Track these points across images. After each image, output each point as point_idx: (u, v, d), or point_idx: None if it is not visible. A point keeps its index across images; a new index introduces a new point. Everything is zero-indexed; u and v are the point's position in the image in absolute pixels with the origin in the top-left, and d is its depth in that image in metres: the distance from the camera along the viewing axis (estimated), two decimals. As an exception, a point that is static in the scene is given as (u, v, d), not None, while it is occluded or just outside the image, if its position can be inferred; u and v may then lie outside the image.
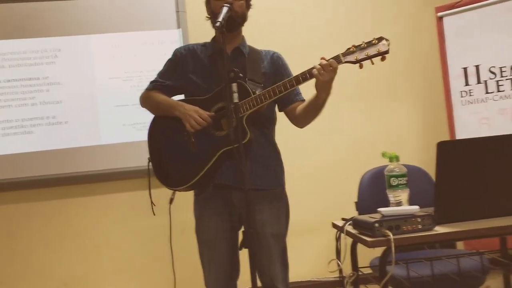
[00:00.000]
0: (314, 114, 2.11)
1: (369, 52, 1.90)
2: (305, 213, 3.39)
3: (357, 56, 1.91)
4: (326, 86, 1.95)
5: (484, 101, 3.23)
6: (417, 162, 2.66)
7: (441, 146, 1.62)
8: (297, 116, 2.17)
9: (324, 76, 1.90)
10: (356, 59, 1.91)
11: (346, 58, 1.92)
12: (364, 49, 1.91)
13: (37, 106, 3.33)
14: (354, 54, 1.91)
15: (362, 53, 1.90)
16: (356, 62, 1.92)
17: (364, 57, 1.91)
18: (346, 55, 1.92)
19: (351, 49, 1.92)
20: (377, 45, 1.90)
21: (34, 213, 3.32)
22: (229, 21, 1.95)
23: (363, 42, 1.92)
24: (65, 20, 3.38)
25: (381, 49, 1.89)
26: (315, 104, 2.04)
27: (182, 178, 2.07)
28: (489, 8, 3.24)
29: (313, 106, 2.06)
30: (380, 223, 1.57)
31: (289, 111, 2.20)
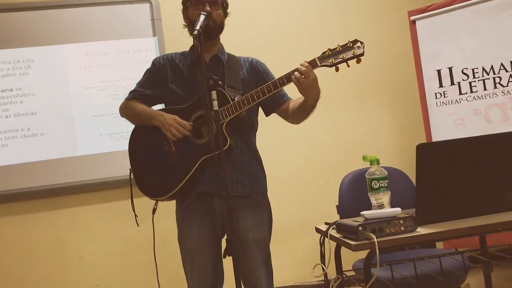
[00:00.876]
0: (305, 115, 2.11)
1: (344, 55, 1.92)
2: (288, 218, 3.41)
3: (333, 59, 1.93)
4: (310, 90, 1.95)
5: (458, 102, 3.30)
6: (395, 164, 2.70)
7: (420, 149, 1.64)
8: (290, 115, 2.17)
9: (303, 83, 1.91)
10: (332, 62, 1.93)
11: (322, 62, 1.93)
12: (340, 53, 1.93)
13: (11, 118, 3.27)
14: (330, 58, 1.93)
15: (338, 56, 1.92)
16: (332, 65, 1.94)
17: (340, 60, 1.93)
18: (322, 59, 1.94)
19: (327, 52, 1.94)
20: (352, 48, 1.92)
21: (12, 227, 3.25)
22: (207, 30, 1.96)
23: (338, 46, 1.94)
24: (37, 30, 3.34)
25: (356, 51, 1.92)
26: (304, 108, 2.05)
27: (164, 188, 2.05)
28: (459, 12, 3.31)
29: (303, 110, 2.07)
30: (363, 226, 1.58)
31: (281, 112, 2.21)
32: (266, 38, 3.60)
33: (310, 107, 2.03)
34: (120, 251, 3.32)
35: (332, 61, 1.93)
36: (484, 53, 3.22)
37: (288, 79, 1.95)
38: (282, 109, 2.20)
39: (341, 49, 1.93)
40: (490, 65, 3.20)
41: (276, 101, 2.18)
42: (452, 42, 3.32)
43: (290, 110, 2.17)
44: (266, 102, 2.14)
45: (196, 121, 2.05)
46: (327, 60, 1.93)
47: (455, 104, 3.31)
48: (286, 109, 2.18)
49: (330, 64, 1.93)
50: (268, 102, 2.14)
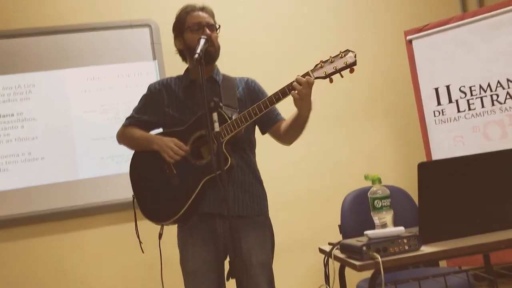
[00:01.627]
0: (299, 131, 2.12)
1: (337, 66, 1.93)
2: (290, 238, 3.39)
3: (326, 71, 1.93)
4: (305, 103, 1.97)
5: (456, 119, 3.32)
6: (395, 182, 2.70)
7: (422, 167, 1.65)
8: (283, 134, 2.18)
9: (301, 94, 1.93)
10: (325, 74, 1.93)
11: (315, 74, 1.94)
12: (332, 63, 1.93)
13: (12, 143, 3.27)
14: (322, 69, 1.94)
15: (330, 67, 1.93)
16: (326, 77, 1.94)
17: (333, 71, 1.93)
18: (315, 71, 1.95)
19: (319, 64, 1.95)
20: (344, 57, 1.93)
21: (13, 253, 3.22)
22: (208, 54, 2.00)
23: (330, 57, 1.95)
24: (38, 56, 3.36)
25: (348, 61, 1.92)
26: (298, 122, 2.06)
27: (168, 212, 2.05)
28: (455, 31, 3.35)
29: (297, 124, 2.08)
30: (367, 246, 1.58)
31: (273, 131, 2.22)
32: (260, 56, 3.62)
33: (304, 120, 2.04)
34: (122, 275, 3.29)
35: (325, 73, 1.94)
36: (481, 71, 3.25)
37: (283, 94, 1.96)
38: (274, 128, 2.21)
39: (333, 60, 1.94)
40: (487, 83, 3.23)
41: (270, 120, 2.19)
42: (449, 61, 3.36)
43: (282, 129, 2.18)
44: (262, 120, 2.16)
45: (195, 142, 2.06)
46: (320, 72, 1.94)
47: (453, 122, 3.33)
48: (278, 129, 2.19)
49: (323, 76, 1.94)
50: (263, 120, 2.16)
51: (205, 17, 2.13)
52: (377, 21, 3.83)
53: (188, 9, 2.16)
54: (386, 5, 3.85)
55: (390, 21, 3.82)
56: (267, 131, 2.24)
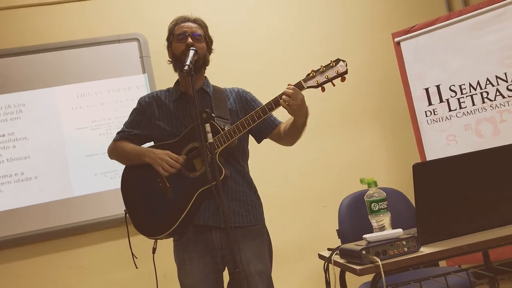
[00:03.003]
0: (298, 134, 2.13)
1: (328, 75, 1.95)
2: (289, 245, 3.39)
3: (317, 80, 1.95)
4: (299, 111, 1.98)
5: (448, 118, 3.34)
6: (391, 184, 2.71)
7: (416, 168, 1.65)
8: (284, 137, 2.19)
9: (292, 105, 1.94)
10: (317, 83, 1.95)
11: (307, 84, 1.96)
12: (324, 73, 1.95)
13: (4, 164, 3.25)
14: (314, 79, 1.96)
15: (322, 76, 1.95)
16: (318, 86, 1.96)
17: (325, 80, 1.95)
18: (307, 81, 1.97)
19: (311, 74, 1.97)
20: (335, 67, 1.96)
21: (8, 275, 3.18)
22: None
23: (321, 66, 1.97)
24: (27, 75, 3.35)
25: (339, 70, 1.95)
26: (295, 127, 2.08)
27: (162, 226, 2.03)
28: (442, 31, 3.38)
29: (295, 130, 2.09)
30: (367, 250, 1.58)
31: (273, 136, 2.23)
32: (252, 66, 3.63)
33: (301, 125, 2.06)
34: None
35: (317, 82, 1.95)
36: (469, 69, 3.27)
37: (276, 104, 1.98)
38: (274, 134, 2.22)
39: (324, 69, 1.96)
40: (477, 81, 3.25)
41: (267, 126, 2.20)
42: (437, 61, 3.38)
43: (282, 132, 2.18)
44: (257, 129, 2.16)
45: (187, 154, 2.05)
46: (312, 81, 1.96)
47: (445, 121, 3.35)
48: (278, 133, 2.20)
49: (315, 85, 1.96)
50: (259, 128, 2.16)
51: (191, 27, 2.13)
52: (365, 24, 3.85)
53: (178, 20, 2.17)
54: (374, 8, 3.88)
55: (377, 24, 3.84)
56: (267, 137, 2.24)
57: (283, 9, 3.79)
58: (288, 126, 2.13)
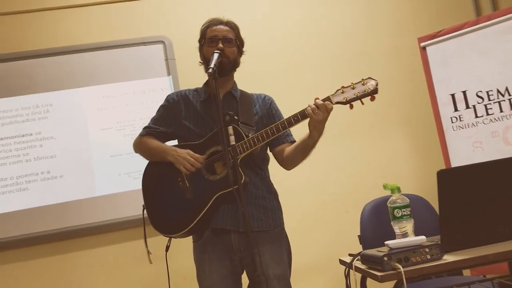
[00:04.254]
0: (303, 155, 2.11)
1: (358, 92, 1.94)
2: (309, 250, 3.37)
3: (346, 96, 1.95)
4: (320, 126, 1.97)
5: (474, 125, 3.28)
6: (415, 190, 2.67)
7: (441, 175, 1.62)
8: (286, 157, 2.18)
9: (318, 116, 1.93)
10: (346, 99, 1.95)
11: (336, 99, 1.96)
12: (353, 90, 1.95)
13: (31, 162, 3.32)
14: (343, 95, 1.96)
15: (351, 93, 1.95)
16: (347, 103, 1.96)
17: (354, 97, 1.95)
18: (335, 96, 1.97)
19: (341, 90, 1.97)
20: (366, 85, 1.95)
21: (32, 272, 3.25)
22: (220, 66, 2.00)
23: (351, 83, 1.97)
24: (55, 76, 3.42)
25: (369, 88, 1.94)
26: (307, 143, 2.06)
27: (177, 225, 2.05)
28: (469, 36, 3.32)
29: (305, 146, 2.07)
30: (389, 256, 1.56)
31: (278, 152, 2.21)
32: (280, 75, 3.63)
33: (313, 142, 2.04)
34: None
35: (346, 98, 1.95)
36: (498, 75, 3.20)
37: (302, 116, 1.97)
38: (279, 149, 2.20)
39: (354, 87, 1.96)
40: (505, 87, 3.18)
41: (278, 139, 2.16)
42: (464, 66, 3.32)
43: (286, 152, 2.17)
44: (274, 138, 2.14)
45: (210, 157, 2.06)
46: (341, 97, 1.96)
47: (471, 128, 3.29)
48: (283, 150, 2.18)
49: (344, 102, 1.96)
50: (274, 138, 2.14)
51: (222, 31, 2.14)
52: (390, 28, 3.82)
53: (211, 23, 2.18)
54: (399, 12, 3.84)
55: (402, 28, 3.80)
56: (272, 150, 2.23)
57: (306, 10, 3.78)
58: (297, 143, 2.13)
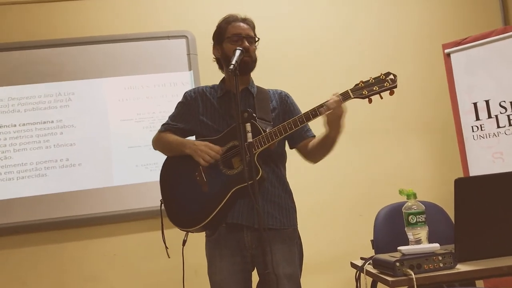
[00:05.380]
0: (326, 151, 2.11)
1: (377, 87, 1.93)
2: (320, 252, 3.36)
3: (366, 91, 1.93)
4: (336, 123, 1.96)
5: (496, 135, 3.23)
6: (431, 198, 2.64)
7: (459, 183, 1.61)
8: (309, 152, 2.17)
9: (333, 115, 1.92)
10: (365, 94, 1.94)
11: (355, 94, 1.94)
12: (373, 85, 1.93)
13: (51, 149, 3.37)
14: (362, 90, 1.94)
15: (371, 88, 1.93)
16: (365, 97, 1.94)
17: (373, 92, 1.93)
18: (354, 91, 1.95)
19: (360, 84, 1.95)
20: (385, 80, 1.93)
21: (46, 257, 3.30)
22: (244, 65, 2.03)
23: (371, 78, 1.95)
24: (79, 65, 3.46)
25: (389, 84, 1.92)
26: (326, 141, 2.05)
27: (194, 219, 2.06)
28: (495, 44, 3.27)
29: (324, 144, 2.07)
30: (401, 262, 1.55)
31: (301, 147, 2.21)
32: (299, 71, 3.63)
33: (332, 141, 2.03)
34: (152, 282, 3.32)
35: (365, 93, 1.93)
36: (522, 85, 3.16)
37: (320, 112, 1.96)
38: (302, 145, 2.20)
39: (373, 81, 1.94)
40: (530, 98, 3.14)
41: (299, 135, 2.18)
42: (488, 75, 3.28)
43: (309, 146, 2.17)
44: (292, 136, 2.15)
45: (227, 152, 2.07)
46: (360, 92, 1.94)
47: (493, 138, 3.24)
48: (306, 145, 2.18)
49: (363, 96, 1.94)
50: (293, 135, 2.14)
51: (245, 29, 2.15)
52: (415, 34, 3.78)
53: (230, 19, 2.18)
54: (424, 18, 3.80)
55: (427, 34, 3.76)
56: (295, 147, 2.24)
57: (332, 14, 3.77)
58: (317, 141, 2.12)
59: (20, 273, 3.27)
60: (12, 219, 3.24)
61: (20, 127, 3.37)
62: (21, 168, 3.32)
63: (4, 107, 3.38)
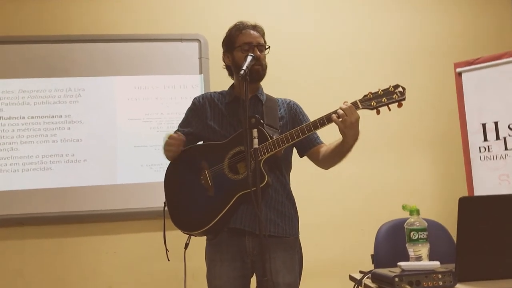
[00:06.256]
0: (340, 158, 2.11)
1: (386, 99, 1.93)
2: (320, 263, 3.34)
3: (374, 102, 1.94)
4: (350, 131, 1.95)
5: (503, 157, 3.21)
6: (434, 216, 2.62)
7: (463, 202, 1.60)
8: (322, 159, 2.18)
9: (345, 121, 1.92)
10: (373, 105, 1.94)
11: (363, 104, 1.95)
12: (381, 96, 1.94)
13: (58, 143, 3.38)
14: (371, 101, 1.94)
15: (379, 100, 1.94)
16: (373, 108, 1.95)
17: (382, 104, 1.93)
18: (363, 102, 1.95)
19: (368, 95, 1.96)
20: (394, 92, 1.93)
21: (45, 250, 3.31)
22: (255, 73, 2.05)
23: (379, 89, 1.95)
24: (90, 61, 3.49)
25: (398, 96, 1.93)
26: (341, 149, 2.05)
27: (198, 222, 2.05)
28: (507, 66, 3.26)
29: (340, 151, 2.06)
30: (400, 277, 1.54)
31: (312, 154, 2.22)
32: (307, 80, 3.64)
33: (347, 148, 2.02)
34: (149, 283, 3.31)
35: (373, 104, 1.94)
36: (532, 109, 3.14)
37: (328, 120, 1.96)
38: (312, 152, 2.21)
39: (382, 93, 1.95)
40: (539, 122, 3.12)
41: (309, 143, 2.20)
42: (499, 96, 3.26)
43: (321, 153, 2.17)
44: (301, 143, 2.15)
45: (233, 157, 2.07)
46: (368, 103, 1.95)
47: (500, 160, 3.22)
48: (317, 152, 2.19)
49: (371, 107, 1.95)
50: (302, 143, 2.15)
51: (256, 37, 2.15)
52: (428, 51, 3.78)
53: (241, 27, 2.18)
54: (438, 36, 3.81)
55: (440, 52, 3.76)
56: (305, 154, 2.24)
57: (346, 24, 3.78)
58: (332, 147, 2.11)
59: (18, 265, 3.28)
60: (14, 210, 3.25)
61: (29, 120, 3.39)
62: (26, 160, 3.33)
63: (15, 99, 3.41)
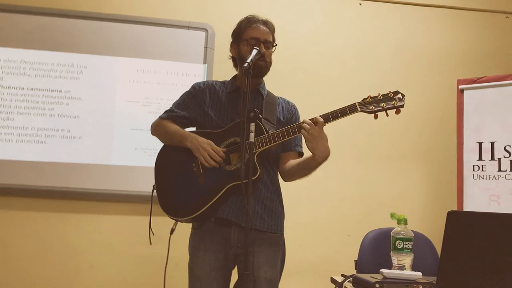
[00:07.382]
0: (303, 174, 2.11)
1: (385, 104, 1.94)
2: (303, 263, 3.35)
3: (372, 106, 1.94)
4: (317, 145, 1.94)
5: (496, 178, 3.22)
6: (420, 229, 2.63)
7: (451, 216, 1.60)
8: (286, 169, 2.17)
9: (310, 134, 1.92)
10: (371, 109, 1.95)
11: (362, 108, 1.95)
12: (380, 101, 1.95)
13: (55, 118, 3.37)
14: (370, 105, 1.95)
15: (378, 104, 1.94)
16: (371, 112, 1.95)
17: (380, 109, 1.95)
18: (362, 105, 1.96)
19: (368, 99, 1.96)
20: (393, 98, 1.95)
21: (31, 223, 3.29)
22: (258, 69, 2.06)
23: (379, 94, 1.96)
24: (95, 39, 3.47)
25: (397, 102, 1.93)
26: (307, 165, 2.05)
27: (186, 209, 2.06)
28: (509, 88, 3.27)
29: (305, 167, 2.07)
30: (381, 284, 1.55)
31: (282, 157, 2.21)
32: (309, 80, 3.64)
33: (314, 165, 2.01)
34: (131, 267, 3.31)
35: (372, 108, 1.94)
36: (530, 133, 3.15)
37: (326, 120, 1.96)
38: (284, 155, 2.20)
39: (381, 98, 1.96)
40: (535, 147, 3.13)
41: (288, 144, 2.18)
42: (498, 117, 3.27)
43: (289, 162, 2.17)
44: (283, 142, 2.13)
45: (227, 147, 2.08)
46: (367, 107, 1.95)
47: (492, 180, 3.23)
48: (287, 158, 2.18)
49: (369, 111, 1.95)
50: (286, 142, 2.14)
51: (264, 33, 2.15)
52: (432, 65, 3.79)
53: (251, 21, 2.17)
54: (443, 51, 3.82)
55: (444, 68, 3.78)
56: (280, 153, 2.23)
57: (349, 31, 3.78)
58: (302, 159, 2.12)
59: (2, 235, 3.27)
60: (4, 180, 3.24)
61: (28, 91, 3.38)
62: (21, 131, 3.32)
63: (16, 68, 3.39)
